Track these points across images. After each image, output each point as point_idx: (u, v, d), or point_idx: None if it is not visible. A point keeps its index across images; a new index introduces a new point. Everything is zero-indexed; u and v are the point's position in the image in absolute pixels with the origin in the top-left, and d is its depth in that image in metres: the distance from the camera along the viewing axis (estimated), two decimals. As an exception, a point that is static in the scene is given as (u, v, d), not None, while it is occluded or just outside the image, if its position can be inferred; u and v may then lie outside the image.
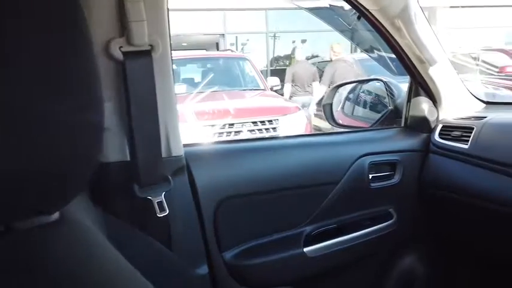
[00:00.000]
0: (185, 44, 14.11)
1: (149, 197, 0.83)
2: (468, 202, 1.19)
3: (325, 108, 1.64)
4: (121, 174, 0.84)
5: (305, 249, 1.12)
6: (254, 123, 4.39)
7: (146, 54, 0.81)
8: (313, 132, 4.97)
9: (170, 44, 0.89)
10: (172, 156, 0.90)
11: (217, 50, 12.78)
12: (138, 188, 0.82)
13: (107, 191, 0.83)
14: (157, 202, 0.83)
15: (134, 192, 0.82)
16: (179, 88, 5.24)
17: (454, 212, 1.30)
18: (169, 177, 0.87)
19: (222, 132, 4.26)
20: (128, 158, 0.84)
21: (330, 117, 1.64)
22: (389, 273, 1.42)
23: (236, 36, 13.29)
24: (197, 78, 6.19)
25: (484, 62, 6.54)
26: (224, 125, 4.26)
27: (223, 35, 12.92)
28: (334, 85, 1.67)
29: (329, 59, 7.21)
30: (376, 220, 1.28)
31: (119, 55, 0.79)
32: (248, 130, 4.38)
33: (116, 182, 0.84)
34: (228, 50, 8.93)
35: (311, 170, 1.17)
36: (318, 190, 1.16)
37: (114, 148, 0.84)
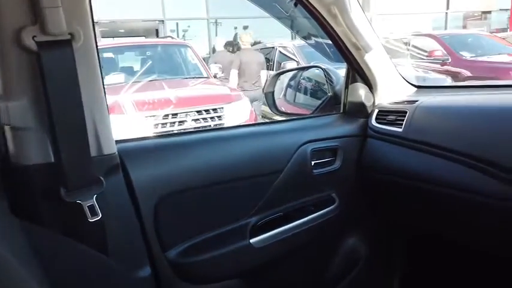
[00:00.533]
0: (122, 31, 13.46)
1: (78, 201, 0.76)
2: (404, 183, 1.25)
3: (267, 96, 1.63)
4: (45, 178, 0.76)
5: (251, 241, 1.11)
6: (198, 112, 4.30)
7: (65, 44, 0.73)
8: (258, 119, 5.00)
9: (94, 32, 0.81)
10: (104, 155, 0.84)
11: (157, 37, 12.34)
12: (65, 192, 0.75)
13: (29, 197, 0.75)
14: (88, 206, 0.76)
15: (61, 196, 0.74)
16: (117, 77, 4.99)
17: (391, 193, 1.36)
18: (102, 178, 0.80)
19: (165, 123, 4.13)
20: (52, 159, 0.77)
21: (273, 105, 1.63)
22: (334, 255, 1.46)
23: (177, 23, 12.92)
24: (136, 66, 5.94)
25: (414, 46, 6.94)
26: (167, 115, 4.13)
27: (162, 21, 12.49)
28: (275, 73, 1.67)
29: (271, 46, 7.26)
30: (320, 205, 1.30)
31: (32, 45, 0.70)
32: (193, 119, 4.29)
33: (39, 186, 0.76)
34: (168, 36, 8.65)
35: (254, 160, 1.15)
36: (262, 180, 1.16)
37: (36, 149, 0.76)
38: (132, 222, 0.91)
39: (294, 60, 6.35)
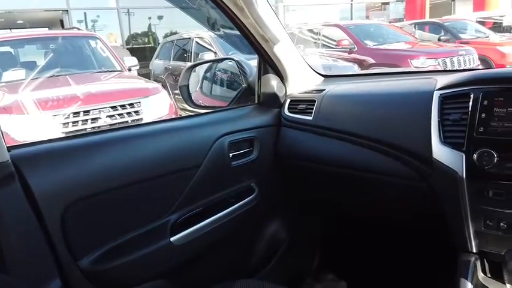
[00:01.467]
0: (21, 22, 12.17)
1: None
2: (316, 168, 1.33)
3: (182, 90, 1.60)
4: None
5: (172, 239, 1.10)
6: (113, 108, 4.05)
7: None
8: (179, 112, 4.88)
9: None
10: None
11: (62, 28, 11.35)
12: None
13: None
14: None
15: None
16: (17, 74, 4.51)
17: (306, 178, 1.43)
18: None
19: (77, 121, 3.83)
20: None
21: (188, 99, 1.61)
22: (256, 242, 1.51)
23: (85, 13, 12.00)
24: (40, 61, 5.41)
25: (324, 36, 7.31)
26: (78, 113, 3.83)
27: (67, 11, 11.51)
28: (188, 66, 1.64)
29: (188, 37, 7.11)
30: (240, 196, 1.32)
31: None
32: (107, 116, 4.04)
33: None
34: (75, 28, 8.00)
35: (171, 156, 1.13)
36: (180, 176, 1.14)
37: None
38: (36, 234, 0.84)
39: (211, 51, 6.30)
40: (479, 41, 7.35)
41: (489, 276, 0.99)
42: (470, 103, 0.95)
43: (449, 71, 1.30)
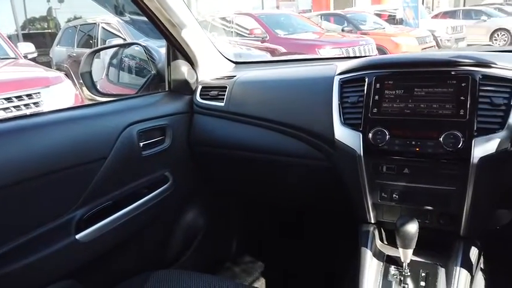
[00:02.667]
0: None
1: None
2: (230, 154, 1.35)
3: (84, 77, 1.48)
4: None
5: (78, 236, 1.03)
6: (8, 99, 3.62)
7: None
8: (86, 103, 4.54)
9: None
10: None
11: None
12: None
13: None
14: None
15: None
16: None
17: (220, 164, 1.44)
18: None
19: (-38, 116, 3.36)
20: None
21: (92, 87, 1.50)
22: (174, 232, 1.49)
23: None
24: None
25: (237, 24, 7.36)
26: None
27: None
28: (90, 51, 1.52)
29: (93, 22, 6.62)
30: (153, 186, 1.29)
31: None
32: (1, 109, 3.60)
33: None
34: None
35: (73, 148, 1.05)
36: (84, 169, 1.06)
37: None
38: None
39: (119, 37, 5.95)
40: (376, 32, 8.04)
41: (386, 243, 1.11)
42: (365, 86, 1.04)
43: (349, 57, 1.40)
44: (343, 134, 1.05)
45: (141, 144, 1.22)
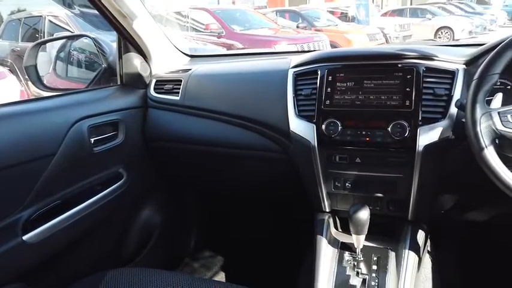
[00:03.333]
0: None
1: None
2: (186, 148, 1.33)
3: (29, 71, 1.40)
4: None
5: (25, 237, 0.97)
6: None
7: None
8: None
9: None
10: None
11: None
12: None
13: None
14: None
15: None
16: None
17: (177, 159, 1.42)
18: None
19: None
20: None
21: (37, 81, 1.42)
22: (130, 230, 1.45)
23: None
24: None
25: (192, 19, 7.25)
26: None
27: None
28: (35, 43, 1.44)
29: (39, 15, 6.25)
30: (107, 183, 1.24)
31: None
32: None
33: None
34: None
35: (17, 145, 0.99)
36: (30, 167, 1.01)
37: None
38: None
39: (68, 30, 5.67)
40: (330, 29, 8.24)
41: (340, 230, 1.15)
42: (318, 79, 1.06)
43: (303, 51, 1.42)
44: (297, 125, 1.07)
45: (92, 140, 1.17)
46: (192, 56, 1.56)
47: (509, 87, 1.00)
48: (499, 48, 0.78)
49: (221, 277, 1.60)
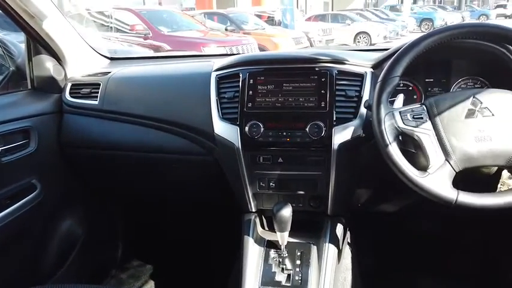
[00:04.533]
0: None
1: None
2: (108, 154, 1.27)
3: None
4: None
5: None
6: None
7: None
8: None
9: None
10: None
11: None
12: None
13: None
14: None
15: None
16: None
17: (98, 166, 1.36)
18: None
19: None
20: None
21: None
22: (48, 244, 1.35)
23: None
24: None
25: (116, 20, 6.94)
26: None
27: None
28: None
29: None
30: (18, 196, 1.15)
31: None
32: None
33: None
34: None
35: None
36: None
37: None
38: None
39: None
40: (258, 32, 8.40)
41: (266, 229, 1.18)
42: (240, 82, 1.09)
43: (226, 55, 1.44)
44: (222, 128, 1.08)
45: (0, 149, 1.08)
46: (111, 59, 1.50)
47: (410, 88, 1.11)
48: (397, 54, 0.86)
49: (150, 286, 1.56)
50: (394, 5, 20.79)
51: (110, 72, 1.31)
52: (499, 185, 1.04)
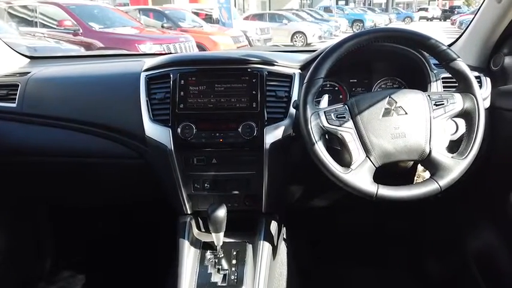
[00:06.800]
0: None
1: None
2: (29, 161, 1.19)
3: None
4: None
5: None
6: None
7: None
8: None
9: None
10: None
11: None
12: None
13: None
14: None
15: None
16: None
17: (19, 174, 1.27)
18: None
19: None
20: None
21: None
22: None
23: None
24: None
25: (42, 14, 6.47)
26: None
27: None
28: None
29: None
30: None
31: None
32: None
33: None
34: None
35: None
36: None
37: None
38: None
39: None
40: (195, 30, 8.29)
41: (203, 231, 1.18)
42: (171, 83, 1.07)
43: (158, 54, 1.40)
44: (153, 130, 1.06)
45: None
46: (32, 58, 1.40)
47: (336, 88, 1.17)
48: (321, 56, 0.90)
49: (82, 298, 1.48)
50: (327, 6, 21.66)
51: (29, 73, 1.23)
52: (415, 178, 1.13)
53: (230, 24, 9.94)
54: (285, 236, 1.34)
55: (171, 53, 1.33)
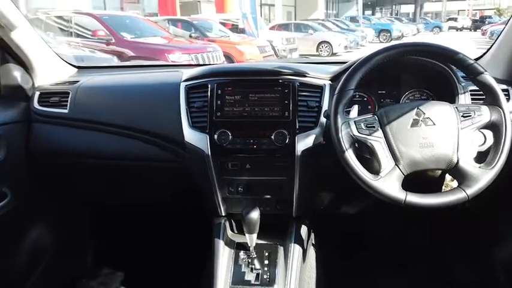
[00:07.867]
0: None
1: None
2: (78, 163, 1.29)
3: None
4: None
5: None
6: None
7: None
8: None
9: None
10: None
11: None
12: None
13: None
14: None
15: None
16: None
17: (68, 174, 1.37)
18: None
19: None
20: None
21: None
22: (16, 253, 1.34)
23: None
24: None
25: (77, 25, 6.78)
26: None
27: None
28: None
29: None
30: None
31: None
32: None
33: None
34: None
35: None
36: None
37: None
38: None
39: None
40: (222, 39, 8.46)
41: (236, 232, 1.24)
42: (209, 92, 1.15)
43: (195, 65, 1.49)
44: (192, 136, 1.14)
45: None
46: (79, 67, 1.52)
47: (365, 99, 1.22)
48: (351, 69, 0.96)
49: (121, 293, 1.57)
50: (354, 16, 21.60)
51: (78, 81, 1.33)
52: (443, 187, 1.16)
53: (256, 34, 10.08)
54: (313, 241, 1.39)
55: (205, 64, 1.41)
